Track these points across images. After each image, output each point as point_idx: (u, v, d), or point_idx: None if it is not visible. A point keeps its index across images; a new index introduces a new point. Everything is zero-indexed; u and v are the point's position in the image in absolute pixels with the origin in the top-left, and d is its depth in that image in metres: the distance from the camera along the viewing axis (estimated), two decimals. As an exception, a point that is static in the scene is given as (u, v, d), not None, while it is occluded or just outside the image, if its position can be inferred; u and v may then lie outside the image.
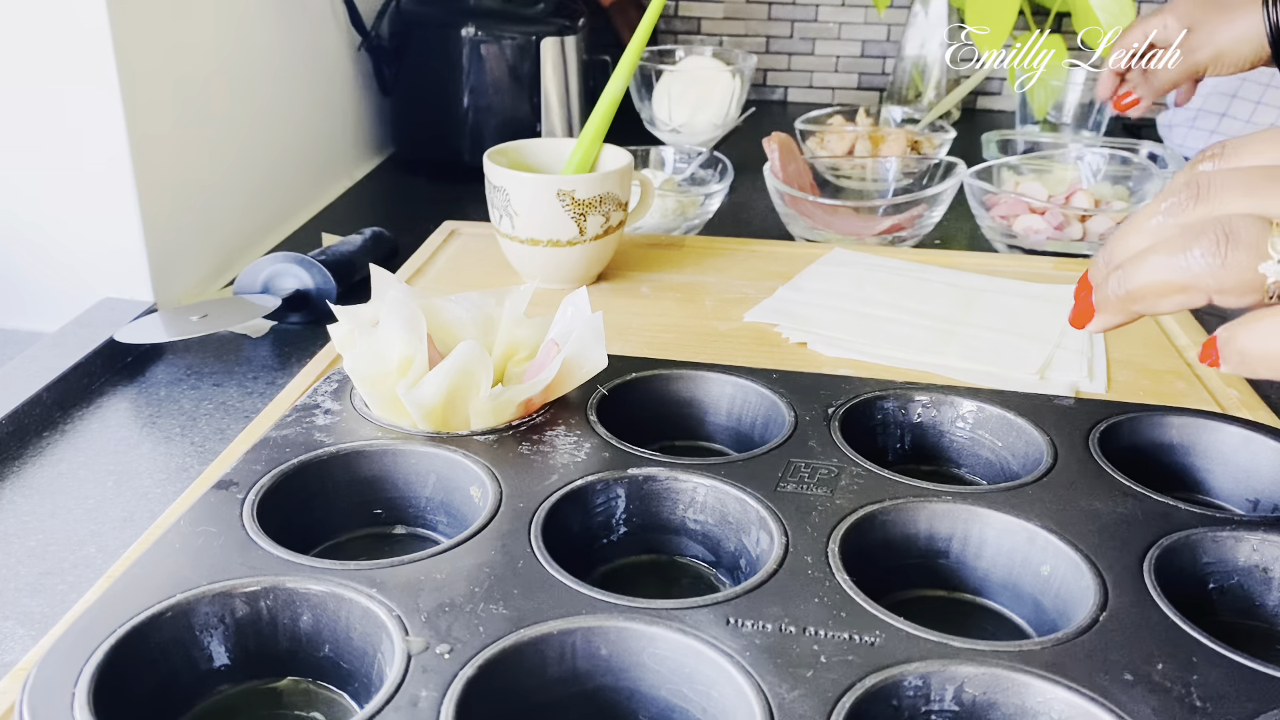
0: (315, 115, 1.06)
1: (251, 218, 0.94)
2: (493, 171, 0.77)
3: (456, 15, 1.10)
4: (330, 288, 0.78)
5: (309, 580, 0.43)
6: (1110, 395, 0.66)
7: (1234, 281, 0.40)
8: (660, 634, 0.40)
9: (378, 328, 0.55)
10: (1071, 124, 1.29)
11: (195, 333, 0.72)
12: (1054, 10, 1.35)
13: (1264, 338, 0.40)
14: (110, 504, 0.57)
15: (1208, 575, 0.47)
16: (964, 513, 0.49)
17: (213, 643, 0.42)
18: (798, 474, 0.51)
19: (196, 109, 0.84)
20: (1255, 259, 0.39)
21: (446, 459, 0.52)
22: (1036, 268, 0.86)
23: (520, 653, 0.40)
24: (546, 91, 1.13)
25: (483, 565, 0.44)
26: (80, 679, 0.37)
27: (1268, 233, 0.39)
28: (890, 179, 1.03)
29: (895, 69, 1.42)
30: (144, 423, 0.66)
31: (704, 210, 0.94)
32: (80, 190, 0.76)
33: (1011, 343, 0.71)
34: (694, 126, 1.23)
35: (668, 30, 1.51)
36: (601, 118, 0.79)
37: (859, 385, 0.60)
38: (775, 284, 0.81)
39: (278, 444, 0.52)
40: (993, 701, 0.39)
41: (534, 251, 0.77)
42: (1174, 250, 0.41)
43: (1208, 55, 0.84)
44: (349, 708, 0.42)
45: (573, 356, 0.55)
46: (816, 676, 0.38)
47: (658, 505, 0.51)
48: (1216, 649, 0.41)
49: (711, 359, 0.64)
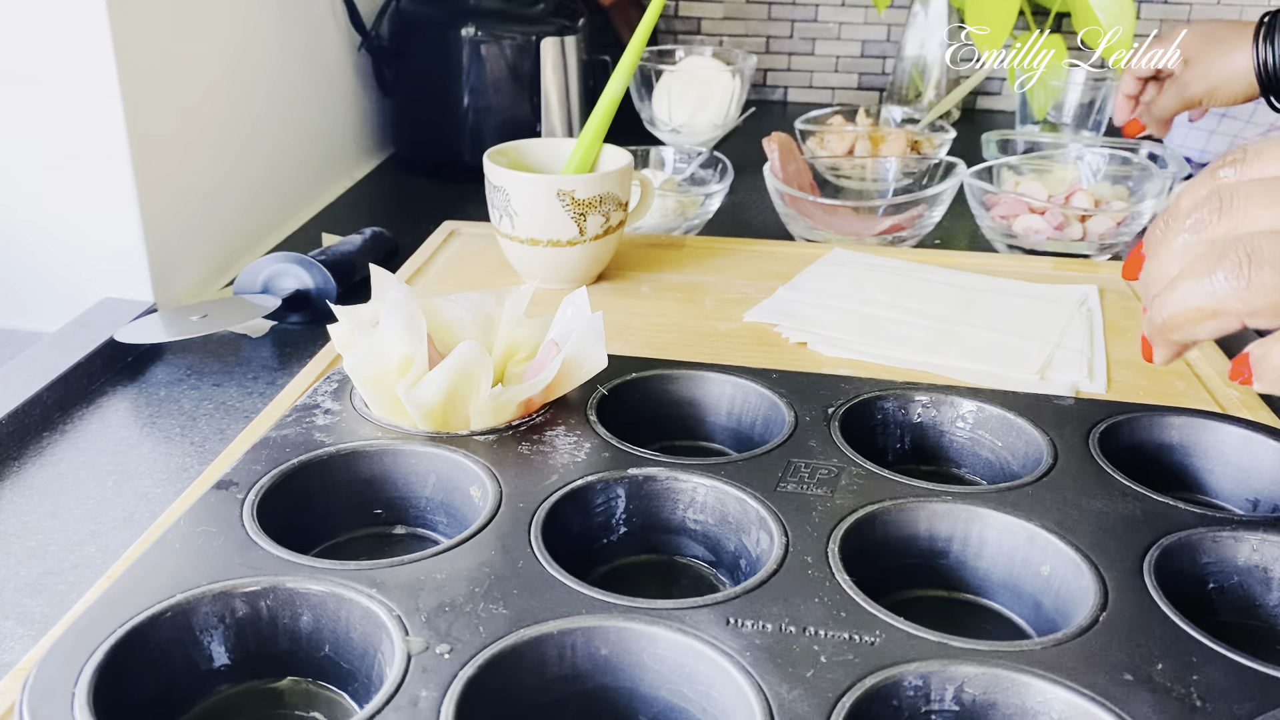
0: (315, 115, 1.06)
1: (251, 218, 0.94)
2: (493, 171, 0.77)
3: (456, 15, 1.10)
4: (330, 288, 0.78)
5: (309, 580, 0.43)
6: (1110, 395, 0.66)
7: (1263, 303, 0.38)
8: (660, 634, 0.40)
9: (378, 328, 0.55)
10: (1071, 124, 1.29)
11: (195, 333, 0.72)
12: (1054, 10, 1.35)
13: None
14: (110, 504, 0.57)
15: (1208, 575, 0.47)
16: (964, 513, 0.49)
17: (213, 643, 0.42)
18: (798, 474, 0.51)
19: (197, 109, 0.84)
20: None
21: (446, 459, 0.52)
22: (1036, 268, 0.86)
23: (520, 653, 0.40)
24: (546, 91, 1.13)
25: (483, 565, 0.44)
26: (80, 679, 0.37)
27: None
28: (890, 179, 1.03)
29: (895, 69, 1.42)
30: (144, 423, 0.66)
31: (704, 210, 0.94)
32: (80, 190, 0.76)
33: (1011, 343, 0.71)
34: (694, 126, 1.23)
35: (668, 30, 1.51)
36: (601, 118, 0.79)
37: (859, 385, 0.60)
38: (775, 284, 0.81)
39: (278, 444, 0.52)
40: (993, 701, 0.39)
41: (534, 251, 0.77)
42: (1199, 275, 0.40)
43: (1203, 89, 0.87)
44: (349, 708, 0.42)
45: (573, 356, 0.55)
46: (816, 676, 0.38)
47: (658, 505, 0.51)
48: (1216, 649, 0.41)
49: (711, 359, 0.64)
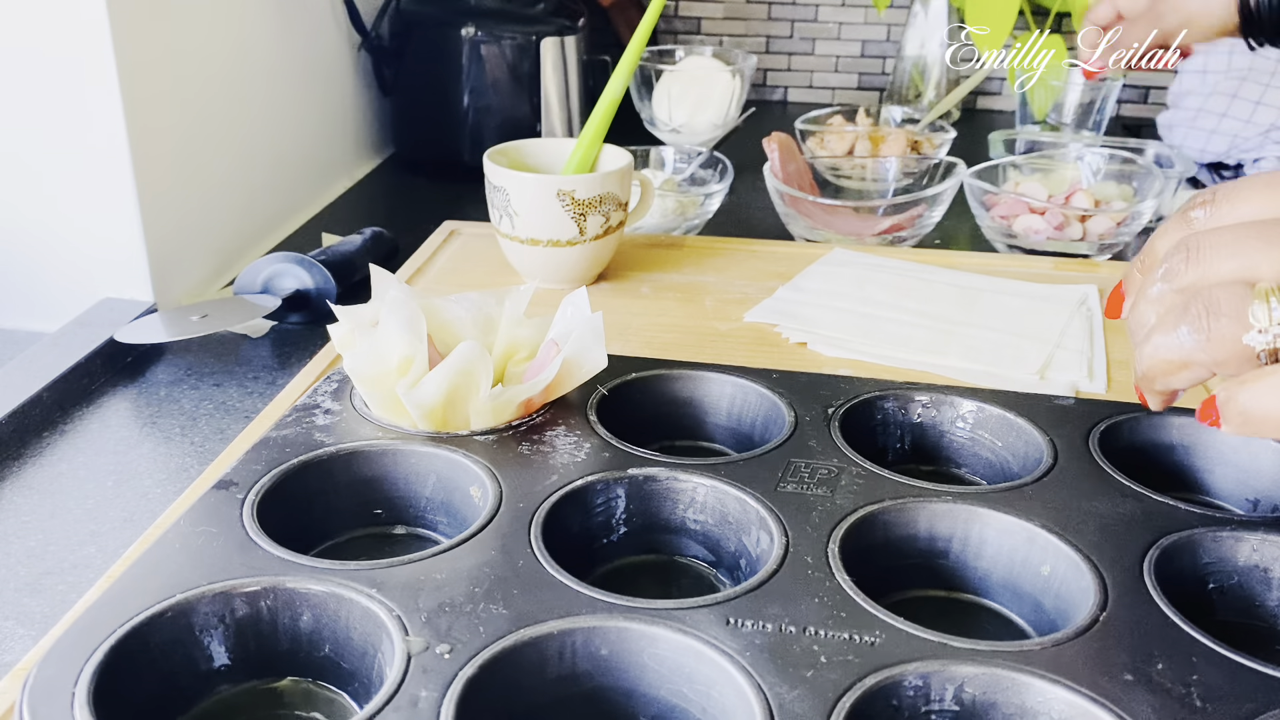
0: (315, 115, 1.06)
1: (251, 218, 0.94)
2: (493, 171, 0.77)
3: (456, 15, 1.10)
4: (330, 288, 0.78)
5: (309, 580, 0.43)
6: (1110, 395, 0.66)
7: (1224, 354, 0.39)
8: (660, 634, 0.40)
9: (378, 328, 0.55)
10: (1071, 124, 1.28)
11: (195, 333, 0.72)
12: (1054, 10, 1.35)
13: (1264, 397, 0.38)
14: (110, 504, 0.57)
15: (1208, 575, 0.47)
16: (964, 513, 0.49)
17: (213, 643, 0.42)
18: (798, 474, 0.51)
19: (196, 109, 0.84)
20: (1239, 329, 0.38)
21: (446, 459, 0.52)
22: (1036, 268, 0.86)
23: (520, 653, 0.40)
24: (546, 91, 1.13)
25: (483, 565, 0.44)
26: (80, 679, 0.37)
27: (1248, 300, 0.38)
28: (890, 179, 1.03)
29: (895, 69, 1.42)
30: (144, 423, 0.66)
31: (704, 210, 0.94)
32: (80, 190, 0.76)
33: (1011, 343, 0.71)
34: (694, 126, 1.23)
35: (668, 30, 1.51)
36: (601, 118, 0.79)
37: (859, 385, 0.60)
38: (775, 284, 0.81)
39: (278, 444, 0.52)
40: (993, 701, 0.39)
41: (534, 251, 0.77)
42: (1166, 329, 0.41)
43: (1177, 21, 0.82)
44: (349, 708, 0.42)
45: (573, 356, 0.55)
46: (816, 676, 0.38)
47: (658, 505, 0.51)
48: (1216, 649, 0.41)
49: (711, 359, 0.64)
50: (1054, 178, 0.99)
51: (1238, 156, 1.14)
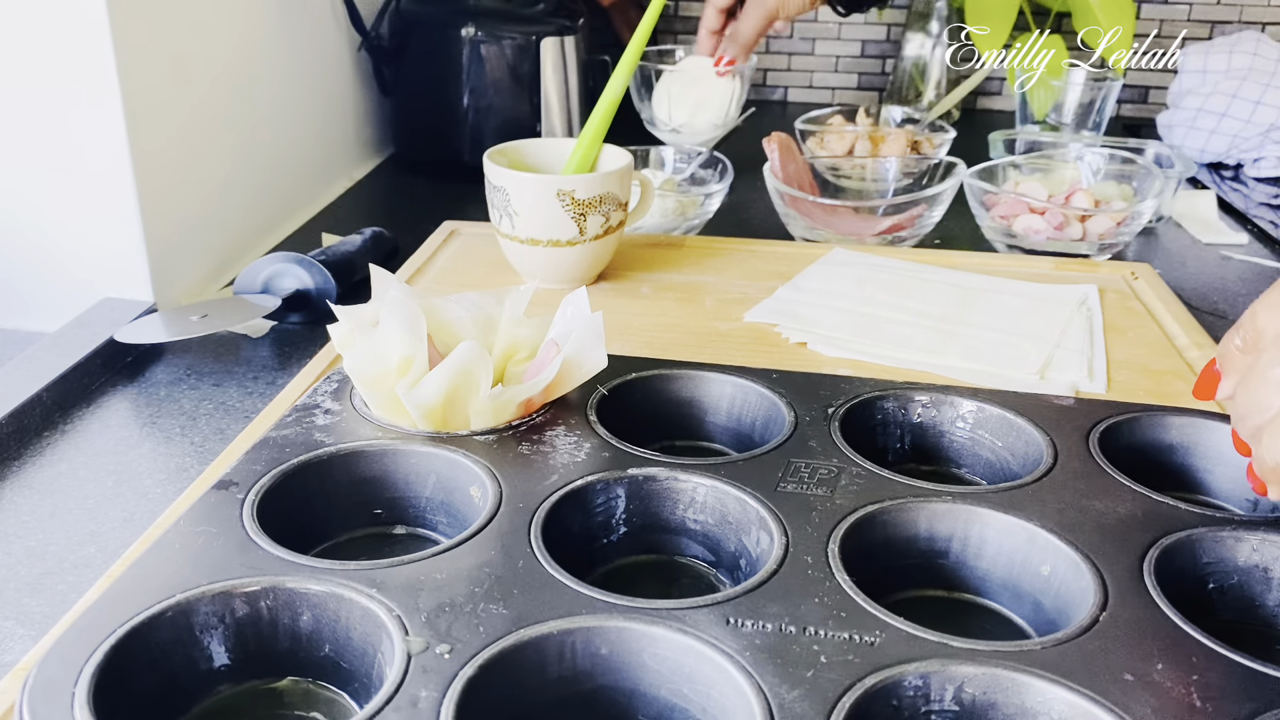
0: (315, 115, 1.06)
1: (251, 218, 0.94)
2: (493, 171, 0.77)
3: (456, 15, 1.10)
4: (330, 288, 0.78)
5: (309, 580, 0.43)
6: (1110, 395, 0.66)
7: None
8: (660, 634, 0.40)
9: (378, 328, 0.55)
10: (1071, 124, 1.28)
11: (195, 333, 0.72)
12: (1054, 10, 1.35)
13: None
14: (110, 504, 0.57)
15: (1208, 575, 0.47)
16: (964, 513, 0.49)
17: (213, 643, 0.42)
18: (798, 474, 0.51)
19: (197, 108, 0.84)
20: None
21: (446, 459, 0.52)
22: (1036, 268, 0.86)
23: (520, 653, 0.40)
24: (546, 91, 1.13)
25: (483, 565, 0.44)
26: (80, 679, 0.37)
27: None
28: (890, 179, 1.03)
29: (895, 69, 1.42)
30: (144, 423, 0.66)
31: (704, 210, 0.94)
32: (80, 190, 0.76)
33: (1011, 343, 0.71)
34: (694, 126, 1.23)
35: (668, 30, 1.51)
36: (601, 118, 0.79)
37: (859, 385, 0.60)
38: (775, 284, 0.81)
39: (278, 444, 0.52)
40: (993, 701, 0.39)
41: (534, 251, 0.77)
42: None
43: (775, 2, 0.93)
44: (349, 708, 0.42)
45: (573, 356, 0.55)
46: (816, 676, 0.38)
47: (658, 505, 0.51)
48: (1216, 649, 0.41)
49: (711, 359, 0.64)
50: (1054, 178, 0.99)
51: (1238, 156, 1.14)
